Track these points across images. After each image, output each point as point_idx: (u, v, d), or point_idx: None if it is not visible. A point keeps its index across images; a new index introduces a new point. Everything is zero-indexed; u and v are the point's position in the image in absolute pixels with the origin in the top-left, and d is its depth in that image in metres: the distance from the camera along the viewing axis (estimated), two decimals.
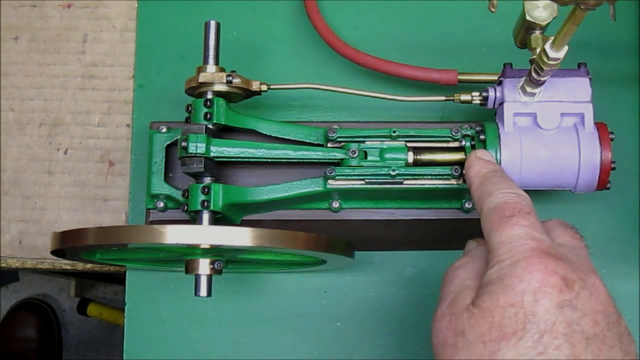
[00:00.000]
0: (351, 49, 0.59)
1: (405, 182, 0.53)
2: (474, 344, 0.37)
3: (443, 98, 0.56)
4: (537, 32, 0.49)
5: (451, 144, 0.54)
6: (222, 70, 0.53)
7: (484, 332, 0.37)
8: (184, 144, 0.51)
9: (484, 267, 0.41)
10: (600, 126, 0.51)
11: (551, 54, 0.45)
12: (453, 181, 0.53)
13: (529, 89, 0.51)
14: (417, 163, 0.53)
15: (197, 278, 0.49)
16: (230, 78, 0.53)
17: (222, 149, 0.52)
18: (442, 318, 0.40)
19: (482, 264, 0.42)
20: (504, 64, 0.53)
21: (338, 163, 0.54)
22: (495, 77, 0.55)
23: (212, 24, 0.54)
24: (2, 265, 0.64)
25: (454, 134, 0.53)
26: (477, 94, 0.54)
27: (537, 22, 0.48)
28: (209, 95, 0.53)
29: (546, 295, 0.36)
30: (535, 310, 0.36)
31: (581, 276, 0.38)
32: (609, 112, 0.55)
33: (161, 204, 0.55)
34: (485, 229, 0.42)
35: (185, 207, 0.52)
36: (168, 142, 0.55)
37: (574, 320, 0.36)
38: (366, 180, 0.53)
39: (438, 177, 0.52)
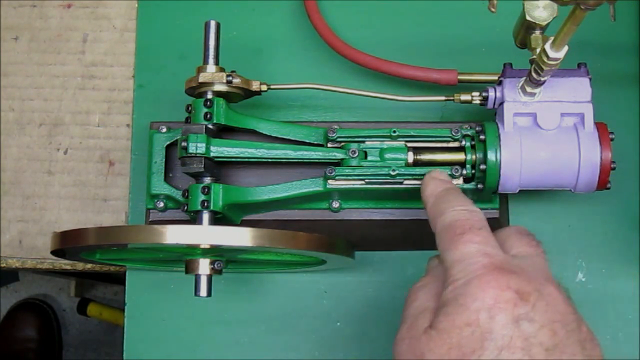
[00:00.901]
0: (351, 49, 0.59)
1: (405, 182, 0.53)
2: None
3: (443, 98, 0.56)
4: (537, 32, 0.49)
5: (451, 144, 0.54)
6: (222, 70, 0.53)
7: (443, 354, 0.37)
8: (184, 144, 0.51)
9: (442, 288, 0.41)
10: (600, 126, 0.51)
11: (551, 54, 0.45)
12: (453, 181, 0.53)
13: (529, 89, 0.51)
14: (417, 163, 0.53)
15: (197, 278, 0.49)
16: (230, 78, 0.53)
17: (222, 149, 0.52)
18: (402, 342, 0.40)
19: (441, 284, 0.42)
20: (504, 64, 0.53)
21: (338, 163, 0.54)
22: (495, 77, 0.55)
23: (212, 24, 0.54)
24: (2, 265, 0.64)
25: (454, 134, 0.53)
26: (477, 94, 0.54)
27: (537, 22, 0.48)
28: (209, 95, 0.53)
29: (501, 311, 0.36)
30: (492, 327, 0.36)
31: (536, 287, 0.38)
32: (609, 112, 0.55)
33: (161, 204, 0.55)
34: (440, 248, 0.42)
35: (185, 207, 0.52)
36: (168, 142, 0.55)
37: (531, 333, 0.36)
38: (366, 180, 0.53)
39: None
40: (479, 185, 0.52)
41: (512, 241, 0.43)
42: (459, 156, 0.53)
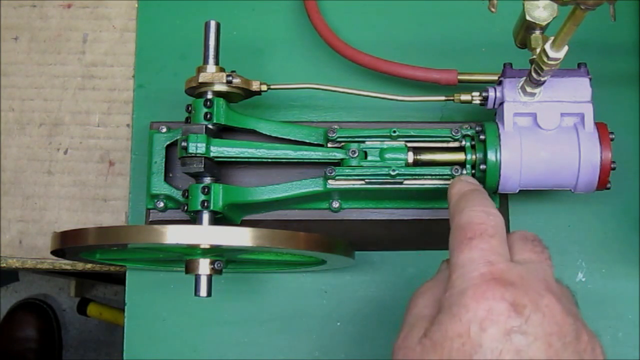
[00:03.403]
0: (351, 49, 0.59)
1: (405, 182, 0.53)
2: None
3: (443, 98, 0.56)
4: (537, 32, 0.49)
5: (451, 144, 0.54)
6: (222, 70, 0.53)
7: None
8: (184, 144, 0.51)
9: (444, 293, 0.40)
10: (600, 126, 0.51)
11: (551, 54, 0.45)
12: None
13: (529, 89, 0.51)
14: (417, 163, 0.53)
15: (197, 278, 0.49)
16: (230, 78, 0.53)
17: (222, 149, 0.52)
18: (398, 350, 0.39)
19: (442, 290, 0.41)
20: (504, 64, 0.53)
21: (338, 163, 0.54)
22: (495, 77, 0.55)
23: (212, 24, 0.54)
24: (2, 265, 0.64)
25: (454, 134, 0.53)
26: (477, 94, 0.54)
27: (537, 22, 0.48)
28: (209, 95, 0.53)
29: (493, 323, 0.36)
30: (482, 340, 0.35)
31: (533, 299, 0.37)
32: (609, 112, 0.55)
33: (161, 204, 0.55)
34: (450, 248, 0.41)
35: (185, 207, 0.52)
36: (168, 142, 0.55)
37: (523, 347, 0.35)
38: (366, 180, 0.53)
39: (438, 177, 0.52)
40: None
41: (516, 248, 0.42)
42: (459, 156, 0.53)
